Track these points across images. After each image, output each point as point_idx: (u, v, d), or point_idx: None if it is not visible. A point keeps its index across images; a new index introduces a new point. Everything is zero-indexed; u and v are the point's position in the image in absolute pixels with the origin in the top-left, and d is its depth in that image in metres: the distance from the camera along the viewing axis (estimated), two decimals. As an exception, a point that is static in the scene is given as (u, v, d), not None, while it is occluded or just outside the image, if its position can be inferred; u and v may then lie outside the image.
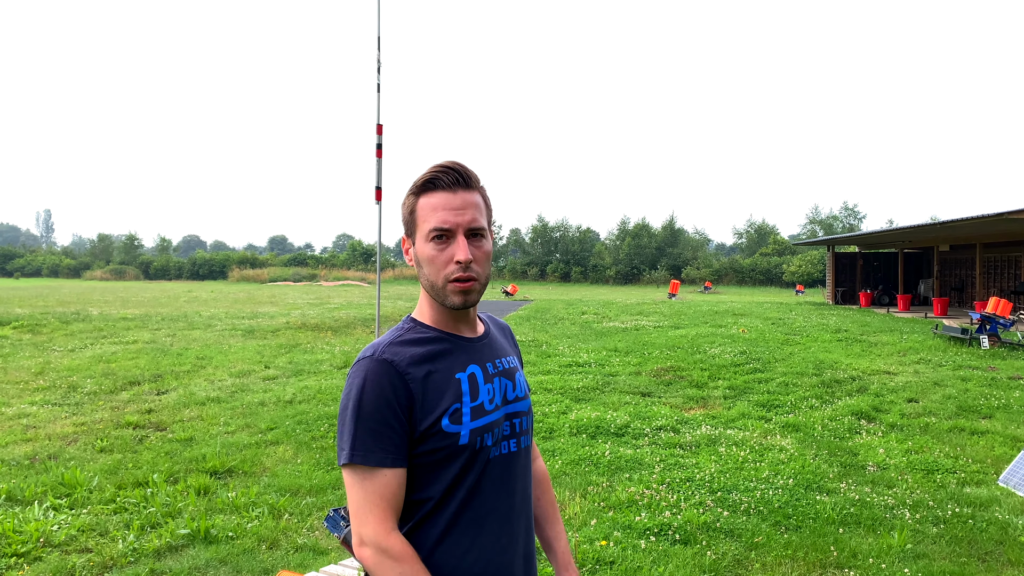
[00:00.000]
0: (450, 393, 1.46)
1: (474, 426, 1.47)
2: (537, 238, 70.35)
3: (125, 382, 10.20)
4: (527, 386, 1.69)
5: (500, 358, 1.61)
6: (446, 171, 1.49)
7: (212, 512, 5.00)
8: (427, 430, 1.43)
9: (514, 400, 1.60)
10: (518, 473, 1.58)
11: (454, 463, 1.45)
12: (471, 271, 1.47)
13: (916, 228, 21.77)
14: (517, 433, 1.58)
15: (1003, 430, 7.42)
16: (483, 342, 1.60)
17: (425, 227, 1.48)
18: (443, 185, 1.48)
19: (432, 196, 1.48)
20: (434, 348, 1.50)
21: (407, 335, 1.51)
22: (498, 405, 1.54)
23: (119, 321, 19.25)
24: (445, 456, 1.45)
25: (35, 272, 78.50)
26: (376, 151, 7.20)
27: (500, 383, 1.57)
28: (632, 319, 21.01)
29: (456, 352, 1.52)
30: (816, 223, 68.83)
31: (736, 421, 7.86)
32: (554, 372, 11.08)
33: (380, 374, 1.42)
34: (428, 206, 1.48)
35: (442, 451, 1.44)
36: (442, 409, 1.44)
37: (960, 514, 5.04)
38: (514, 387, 1.61)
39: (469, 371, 1.51)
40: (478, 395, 1.50)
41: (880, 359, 12.57)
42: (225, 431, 7.35)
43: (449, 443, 1.44)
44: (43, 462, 6.22)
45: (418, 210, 1.50)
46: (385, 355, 1.45)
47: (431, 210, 1.48)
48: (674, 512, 5.02)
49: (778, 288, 53.51)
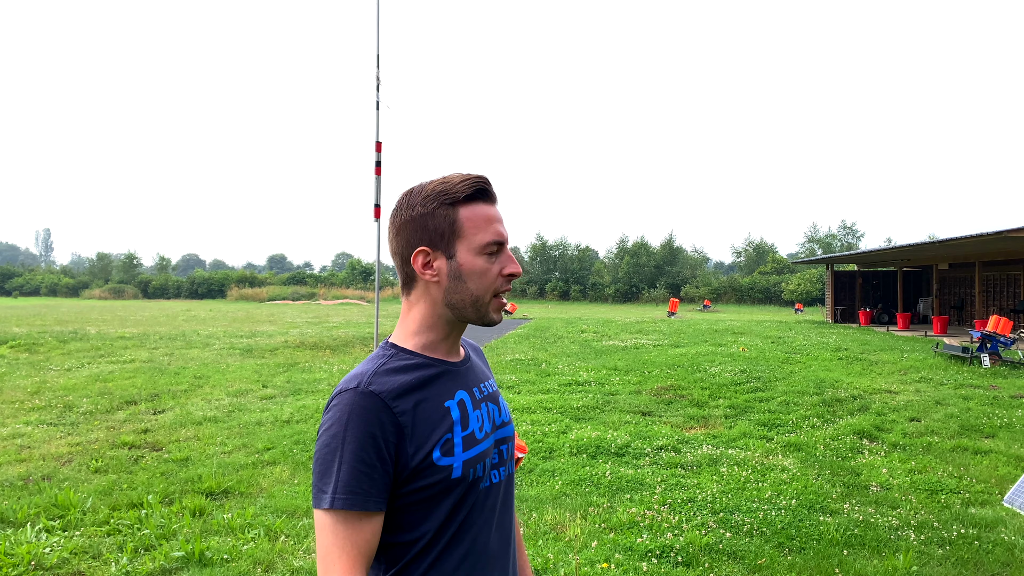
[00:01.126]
0: (441, 423, 1.37)
1: (466, 457, 1.38)
2: (536, 256, 70.45)
3: (121, 401, 10.13)
4: (508, 409, 1.62)
5: (483, 382, 1.54)
6: (488, 183, 1.44)
7: (207, 534, 4.93)
8: (419, 465, 1.33)
9: (501, 425, 1.52)
10: (507, 502, 1.51)
11: (447, 498, 1.35)
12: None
13: (915, 246, 21.79)
14: (505, 460, 1.51)
15: (1006, 449, 7.36)
16: (466, 366, 1.52)
17: (480, 238, 1.39)
18: (488, 197, 1.43)
19: (480, 207, 1.41)
20: (422, 375, 1.39)
21: (391, 363, 1.39)
22: (488, 432, 1.46)
23: (117, 340, 19.18)
24: (439, 492, 1.34)
25: (34, 291, 78.47)
26: (375, 169, 7.20)
27: (487, 408, 1.49)
28: (632, 337, 20.96)
29: (443, 378, 1.43)
30: (814, 241, 69.06)
31: (737, 440, 7.80)
32: (554, 391, 11.02)
33: (366, 409, 1.30)
34: (481, 217, 1.40)
35: (435, 486, 1.34)
36: (433, 441, 1.34)
37: (965, 535, 4.97)
38: (499, 411, 1.53)
39: (458, 398, 1.42)
40: (468, 423, 1.41)
41: (881, 378, 12.52)
42: (221, 451, 7.28)
43: (442, 477, 1.34)
44: (36, 483, 6.15)
45: (463, 220, 1.39)
46: (372, 387, 1.32)
47: (486, 221, 1.40)
48: (676, 534, 4.95)
49: (777, 307, 53.51)
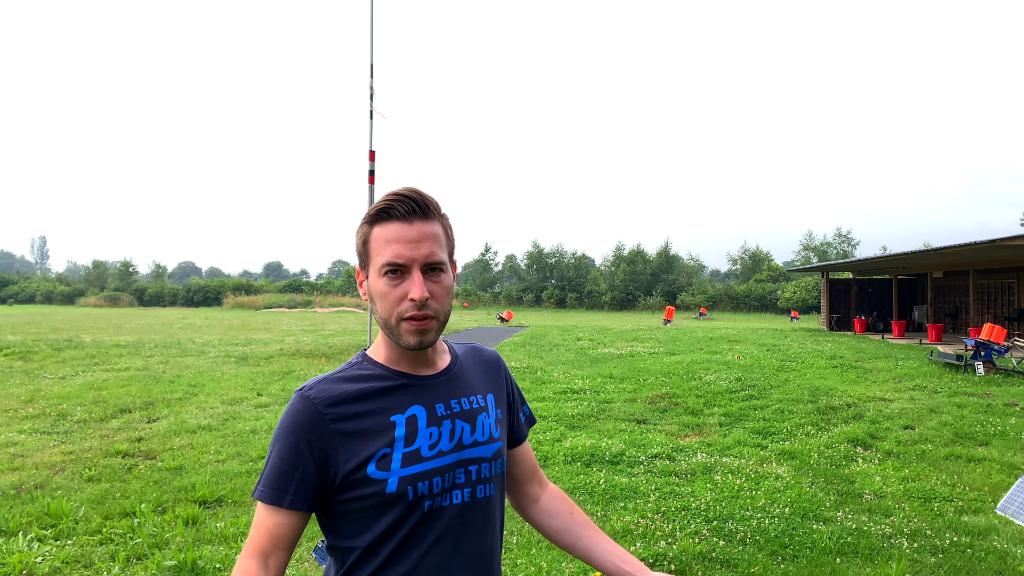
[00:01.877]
0: (381, 437, 1.35)
1: (404, 473, 1.34)
2: (532, 264, 70.53)
3: (116, 410, 10.10)
4: (496, 429, 1.52)
5: (461, 397, 1.48)
6: (401, 199, 1.37)
7: (200, 543, 4.92)
8: (349, 475, 1.33)
9: (471, 445, 1.44)
10: (473, 525, 1.43)
11: (386, 513, 1.35)
12: (428, 309, 1.36)
13: (909, 255, 21.86)
14: (473, 482, 1.44)
15: (1000, 457, 7.37)
16: (439, 380, 1.47)
17: (378, 260, 1.37)
18: (398, 215, 1.36)
19: (386, 227, 1.36)
20: (372, 386, 1.39)
21: (350, 371, 1.42)
22: (443, 451, 1.40)
23: (112, 348, 19.12)
24: (374, 505, 1.34)
25: (29, 299, 78.23)
26: (369, 177, 7.22)
27: (454, 425, 1.43)
28: (627, 345, 20.96)
29: (399, 391, 1.41)
30: (810, 249, 69.23)
31: (732, 449, 7.80)
32: (549, 399, 11.01)
33: (300, 412, 1.35)
34: (381, 238, 1.36)
35: (369, 499, 1.34)
36: (368, 454, 1.34)
37: (958, 543, 4.98)
38: (473, 430, 1.46)
39: (409, 413, 1.39)
40: (415, 439, 1.38)
41: (875, 386, 12.54)
42: (216, 460, 7.26)
43: (375, 491, 1.33)
44: (29, 492, 6.13)
45: (371, 241, 1.39)
46: (311, 392, 1.37)
47: (384, 242, 1.36)
48: (669, 542, 4.95)
49: (773, 314, 53.57)
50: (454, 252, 1.48)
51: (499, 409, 1.57)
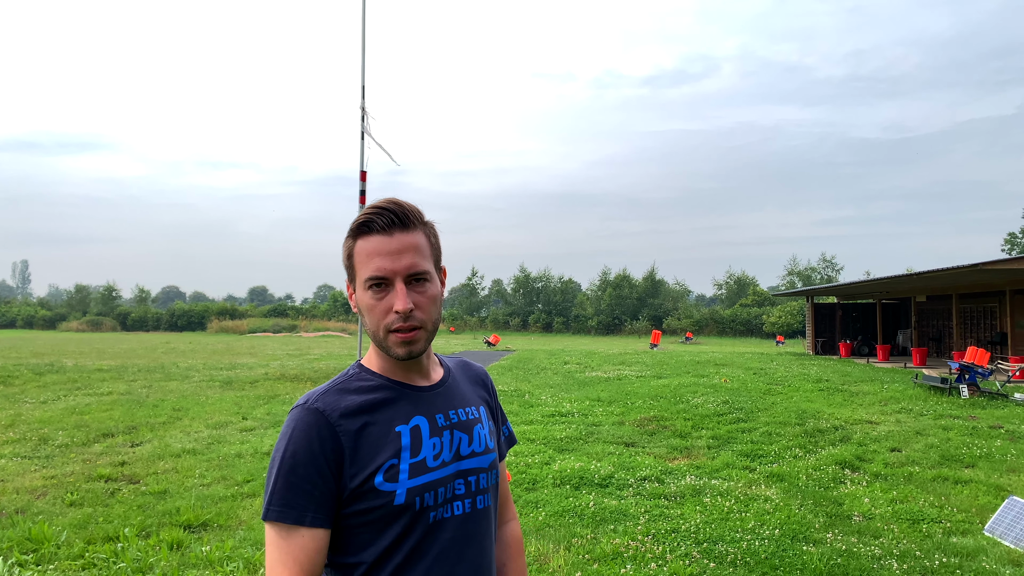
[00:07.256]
0: (387, 448, 1.34)
1: (412, 484, 1.34)
2: (519, 288, 70.64)
3: (98, 434, 9.96)
4: (491, 440, 1.53)
5: (458, 408, 1.49)
6: (380, 212, 1.36)
7: (184, 567, 4.84)
8: (358, 488, 1.32)
9: (469, 455, 1.45)
10: (473, 536, 1.43)
11: (392, 525, 1.33)
12: (414, 319, 1.36)
13: (893, 279, 22.11)
14: (473, 492, 1.45)
15: (986, 479, 7.41)
16: (436, 391, 1.48)
17: (362, 274, 1.37)
18: (378, 228, 1.36)
19: (368, 240, 1.37)
20: (375, 397, 1.39)
21: (349, 383, 1.41)
22: (445, 461, 1.41)
23: (94, 372, 18.91)
24: (380, 517, 1.33)
25: (9, 323, 77.35)
26: (360, 198, 7.23)
27: (452, 436, 1.44)
28: (615, 369, 20.97)
29: (400, 402, 1.41)
30: (795, 274, 69.73)
31: (720, 471, 7.80)
32: (537, 422, 10.97)
33: (309, 425, 1.32)
34: (364, 251, 1.37)
35: (376, 511, 1.32)
36: (376, 465, 1.33)
37: (947, 564, 4.99)
38: (470, 441, 1.47)
39: (413, 423, 1.39)
40: (420, 450, 1.37)
41: (862, 408, 12.59)
42: (200, 483, 7.16)
43: (384, 503, 1.32)
44: (10, 516, 6.02)
45: (355, 255, 1.39)
46: (317, 404, 1.34)
47: (367, 256, 1.36)
48: (660, 564, 4.92)
49: (758, 339, 53.83)
50: (440, 259, 1.48)
51: (490, 422, 1.59)
